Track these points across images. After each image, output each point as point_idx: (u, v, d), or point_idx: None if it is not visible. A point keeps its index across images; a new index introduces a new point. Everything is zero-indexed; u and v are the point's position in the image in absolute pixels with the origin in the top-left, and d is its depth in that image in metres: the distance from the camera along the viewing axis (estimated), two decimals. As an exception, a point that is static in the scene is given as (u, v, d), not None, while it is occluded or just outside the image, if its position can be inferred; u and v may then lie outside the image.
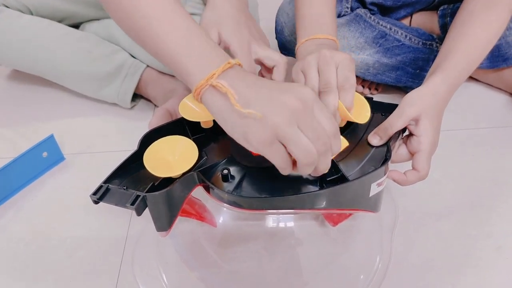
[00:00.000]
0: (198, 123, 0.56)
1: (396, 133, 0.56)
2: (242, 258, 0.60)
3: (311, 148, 0.41)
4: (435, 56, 0.85)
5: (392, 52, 0.87)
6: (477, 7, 0.66)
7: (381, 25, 0.87)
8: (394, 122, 0.56)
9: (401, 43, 0.87)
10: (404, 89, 0.93)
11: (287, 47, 0.91)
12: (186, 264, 0.61)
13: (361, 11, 0.87)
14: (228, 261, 0.60)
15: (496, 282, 0.60)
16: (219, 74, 0.43)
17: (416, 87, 0.59)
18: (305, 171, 0.44)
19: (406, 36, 0.87)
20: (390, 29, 0.87)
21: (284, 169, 0.43)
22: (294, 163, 0.44)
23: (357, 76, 0.92)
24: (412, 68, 0.88)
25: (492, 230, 0.67)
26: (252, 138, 0.41)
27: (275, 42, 0.92)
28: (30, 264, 0.66)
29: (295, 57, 0.66)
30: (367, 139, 0.56)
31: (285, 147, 0.42)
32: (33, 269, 0.66)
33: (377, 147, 0.55)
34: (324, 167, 0.44)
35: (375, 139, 0.56)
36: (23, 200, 0.77)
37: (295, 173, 0.45)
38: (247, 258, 0.60)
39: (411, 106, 0.56)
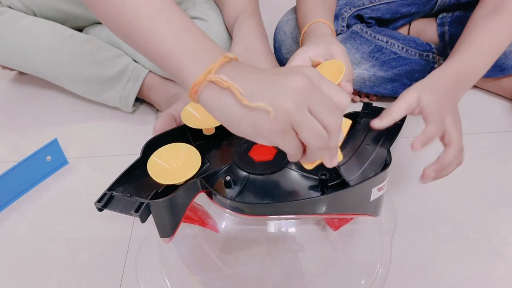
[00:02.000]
0: (200, 130, 0.56)
1: (397, 129, 0.57)
2: (244, 262, 0.60)
3: (322, 132, 0.40)
4: (431, 67, 0.87)
5: (389, 65, 0.87)
6: (484, 15, 0.68)
7: (378, 39, 0.87)
8: (395, 104, 0.58)
9: (397, 56, 0.87)
10: (401, 99, 0.94)
11: (284, 64, 0.90)
12: (189, 268, 0.62)
13: (357, 27, 0.88)
14: (230, 265, 0.60)
15: (495, 285, 0.61)
16: (217, 69, 0.40)
17: None
18: (315, 156, 0.42)
19: (402, 48, 0.87)
20: (387, 42, 0.87)
21: (296, 155, 0.42)
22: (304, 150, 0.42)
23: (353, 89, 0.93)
24: (408, 79, 0.88)
25: (491, 233, 0.67)
26: (265, 130, 0.39)
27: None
28: (34, 266, 0.67)
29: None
30: (366, 144, 0.57)
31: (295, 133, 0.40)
32: (37, 271, 0.66)
33: (377, 152, 0.56)
34: (336, 145, 0.42)
35: (376, 120, 0.57)
36: (27, 203, 0.78)
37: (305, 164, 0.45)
38: (249, 262, 0.60)
39: (410, 90, 0.59)
